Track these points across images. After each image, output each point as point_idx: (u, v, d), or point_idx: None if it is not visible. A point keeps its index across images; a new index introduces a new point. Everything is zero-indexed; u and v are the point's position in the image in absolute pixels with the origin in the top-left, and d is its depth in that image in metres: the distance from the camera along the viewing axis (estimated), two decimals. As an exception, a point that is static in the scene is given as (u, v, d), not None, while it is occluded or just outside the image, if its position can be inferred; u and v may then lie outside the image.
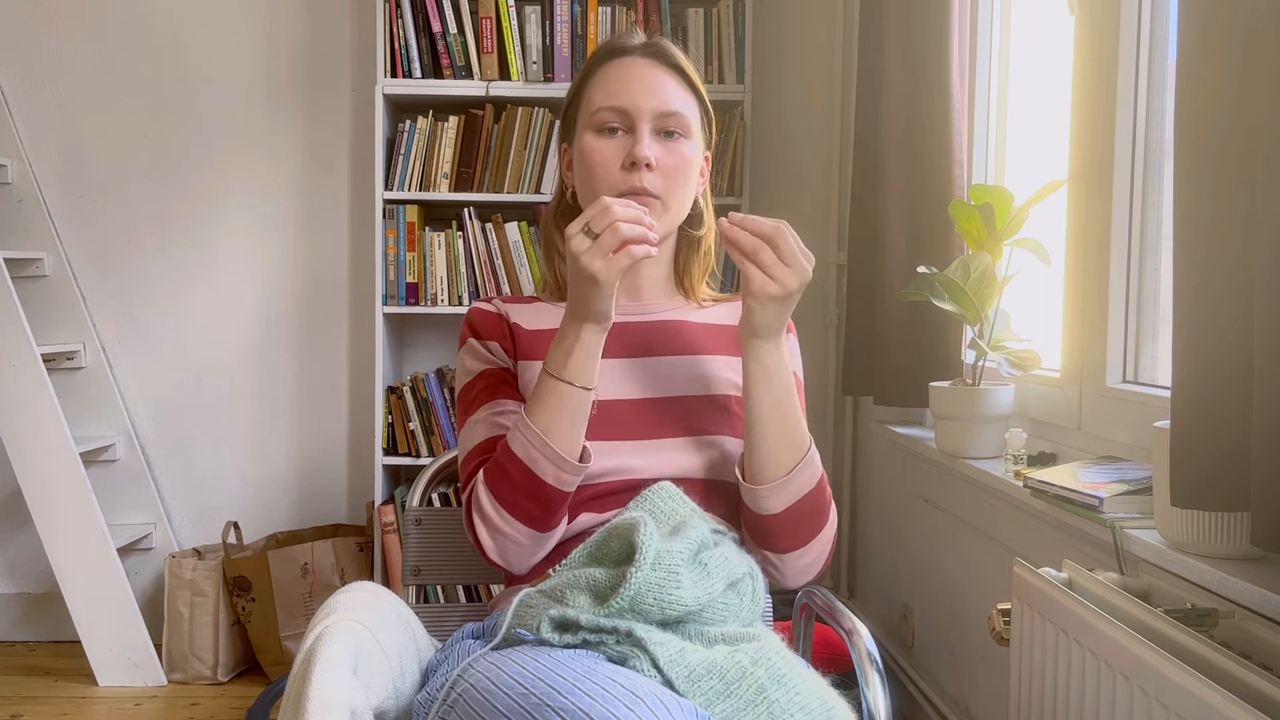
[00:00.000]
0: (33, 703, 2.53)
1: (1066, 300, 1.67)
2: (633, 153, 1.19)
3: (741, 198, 2.65)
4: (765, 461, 1.14)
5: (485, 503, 1.12)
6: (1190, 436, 1.05)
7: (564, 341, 1.10)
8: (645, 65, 1.23)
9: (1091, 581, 1.19)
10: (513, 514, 1.11)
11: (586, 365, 1.10)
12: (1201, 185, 1.05)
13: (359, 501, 2.96)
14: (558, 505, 1.11)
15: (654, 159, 1.19)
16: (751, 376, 1.14)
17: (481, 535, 1.13)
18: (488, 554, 1.14)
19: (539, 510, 1.10)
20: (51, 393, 2.57)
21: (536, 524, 1.11)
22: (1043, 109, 1.97)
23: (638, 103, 1.20)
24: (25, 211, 2.83)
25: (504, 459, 1.11)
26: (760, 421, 1.14)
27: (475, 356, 1.26)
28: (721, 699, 0.92)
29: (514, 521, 1.11)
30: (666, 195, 1.21)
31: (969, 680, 1.96)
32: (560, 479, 1.09)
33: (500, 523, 1.11)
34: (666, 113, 1.21)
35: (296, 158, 2.90)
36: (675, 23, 2.68)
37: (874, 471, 2.60)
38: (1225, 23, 1.02)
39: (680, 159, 1.21)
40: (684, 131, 1.22)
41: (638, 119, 1.20)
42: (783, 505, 1.14)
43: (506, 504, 1.11)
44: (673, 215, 1.24)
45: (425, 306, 2.67)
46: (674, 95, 1.22)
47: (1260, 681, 0.89)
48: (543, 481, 1.09)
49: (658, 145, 1.20)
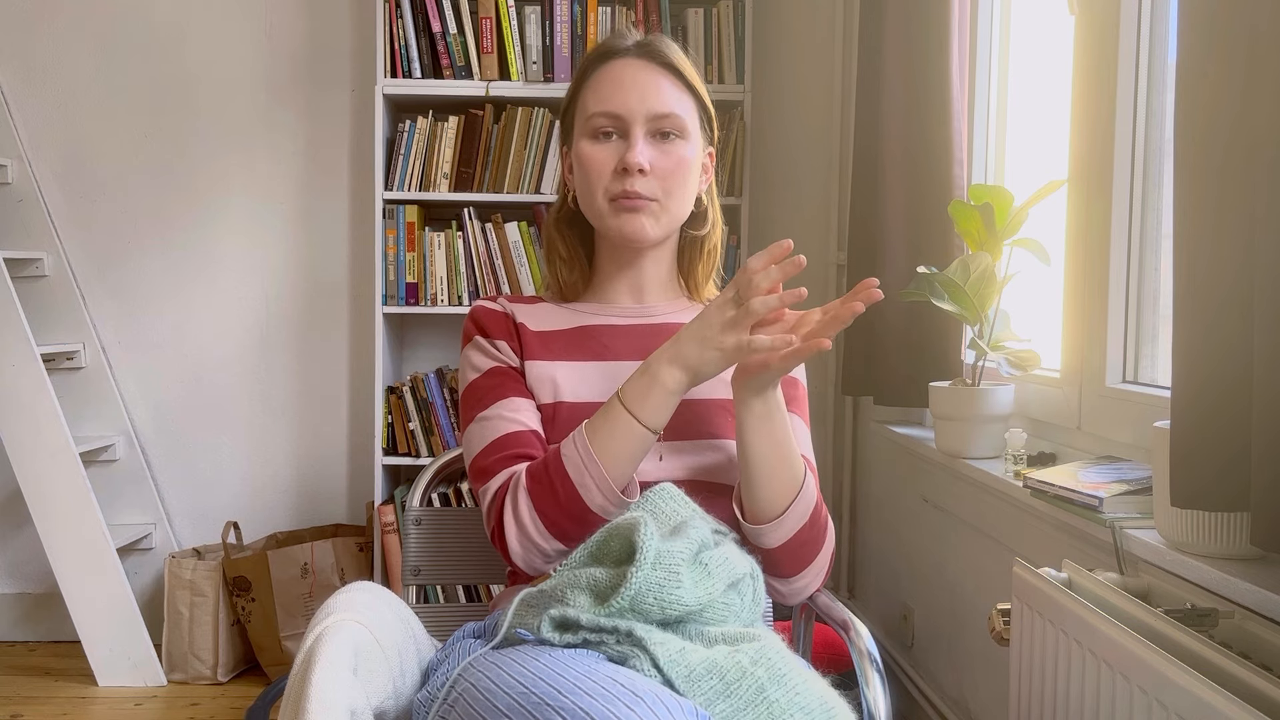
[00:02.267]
0: (33, 703, 2.53)
1: (1066, 300, 1.67)
2: (624, 159, 1.18)
3: (741, 198, 2.65)
4: (763, 501, 1.14)
5: (524, 512, 1.12)
6: (1190, 437, 1.05)
7: (649, 377, 1.09)
8: (638, 67, 1.22)
9: (1091, 581, 1.19)
10: (549, 529, 1.11)
11: (663, 409, 1.09)
12: (1201, 185, 1.05)
13: (359, 501, 2.96)
14: (593, 527, 1.10)
15: (648, 164, 1.18)
16: (749, 420, 1.12)
17: (510, 540, 1.13)
18: (511, 557, 1.14)
19: (575, 529, 1.11)
20: (51, 393, 2.57)
21: (568, 540, 1.12)
22: (1043, 109, 1.97)
23: (630, 106, 1.19)
24: (25, 211, 2.83)
25: (554, 474, 1.11)
26: (756, 462, 1.13)
27: (483, 353, 1.25)
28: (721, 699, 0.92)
29: (549, 536, 1.12)
30: (664, 198, 1.21)
31: (969, 680, 1.96)
32: (605, 508, 1.10)
33: (535, 534, 1.12)
34: (660, 114, 1.20)
35: (296, 158, 2.90)
36: (675, 23, 2.68)
37: (874, 471, 2.60)
38: (1226, 22, 1.02)
39: (676, 160, 1.21)
40: (680, 132, 1.22)
41: (631, 123, 1.19)
42: (782, 540, 1.15)
43: (546, 519, 1.11)
44: (671, 216, 1.23)
45: (425, 306, 2.67)
46: (668, 96, 1.21)
47: (1260, 681, 0.89)
48: (587, 507, 1.10)
49: (652, 148, 1.20)
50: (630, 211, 1.20)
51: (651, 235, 1.23)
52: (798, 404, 1.27)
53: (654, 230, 1.22)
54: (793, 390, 1.27)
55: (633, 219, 1.21)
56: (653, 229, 1.22)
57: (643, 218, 1.21)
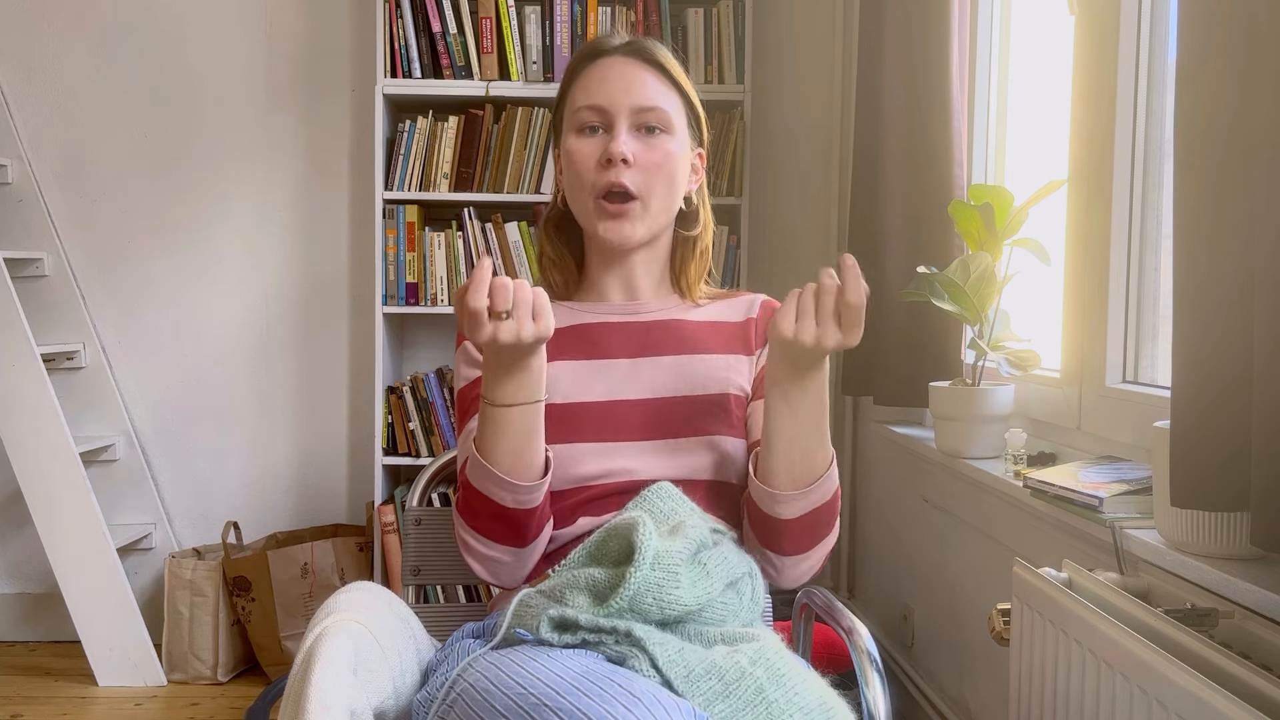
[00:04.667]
0: (33, 703, 2.53)
1: (1066, 300, 1.67)
2: (608, 149, 1.18)
3: (741, 198, 2.65)
4: (787, 470, 1.12)
5: (461, 530, 1.15)
6: (1190, 436, 1.05)
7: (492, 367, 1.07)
8: (624, 63, 1.23)
9: (1091, 581, 1.19)
10: (488, 537, 1.13)
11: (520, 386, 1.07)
12: (1202, 185, 1.04)
13: (359, 501, 2.96)
14: (527, 521, 1.11)
15: (631, 154, 1.19)
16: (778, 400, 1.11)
17: (467, 559, 1.16)
18: (478, 574, 1.16)
19: (509, 530, 1.12)
20: (51, 393, 2.57)
21: (513, 541, 1.12)
22: (1043, 109, 1.96)
23: (614, 99, 1.20)
24: (25, 211, 2.83)
25: (465, 487, 1.13)
26: (783, 435, 1.11)
27: (468, 362, 1.26)
28: (720, 699, 0.92)
29: (491, 543, 1.13)
30: (646, 193, 1.21)
31: (969, 680, 1.96)
32: (520, 500, 1.10)
33: (480, 547, 1.13)
34: (644, 108, 1.21)
35: (296, 157, 2.90)
36: (675, 23, 2.68)
37: (874, 471, 2.60)
38: (1225, 22, 1.02)
39: (661, 154, 1.21)
40: (665, 127, 1.22)
41: (615, 115, 1.20)
42: (798, 513, 1.14)
43: (479, 529, 1.13)
44: (654, 213, 1.23)
45: (425, 306, 2.67)
46: (652, 91, 1.22)
47: (1260, 681, 0.89)
48: (504, 507, 1.10)
49: (637, 141, 1.20)
50: (614, 218, 1.21)
51: (635, 239, 1.23)
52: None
53: (637, 234, 1.22)
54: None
55: (616, 225, 1.21)
56: (635, 233, 1.22)
57: (625, 223, 1.21)
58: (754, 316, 1.30)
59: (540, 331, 1.02)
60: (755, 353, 1.27)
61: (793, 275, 2.80)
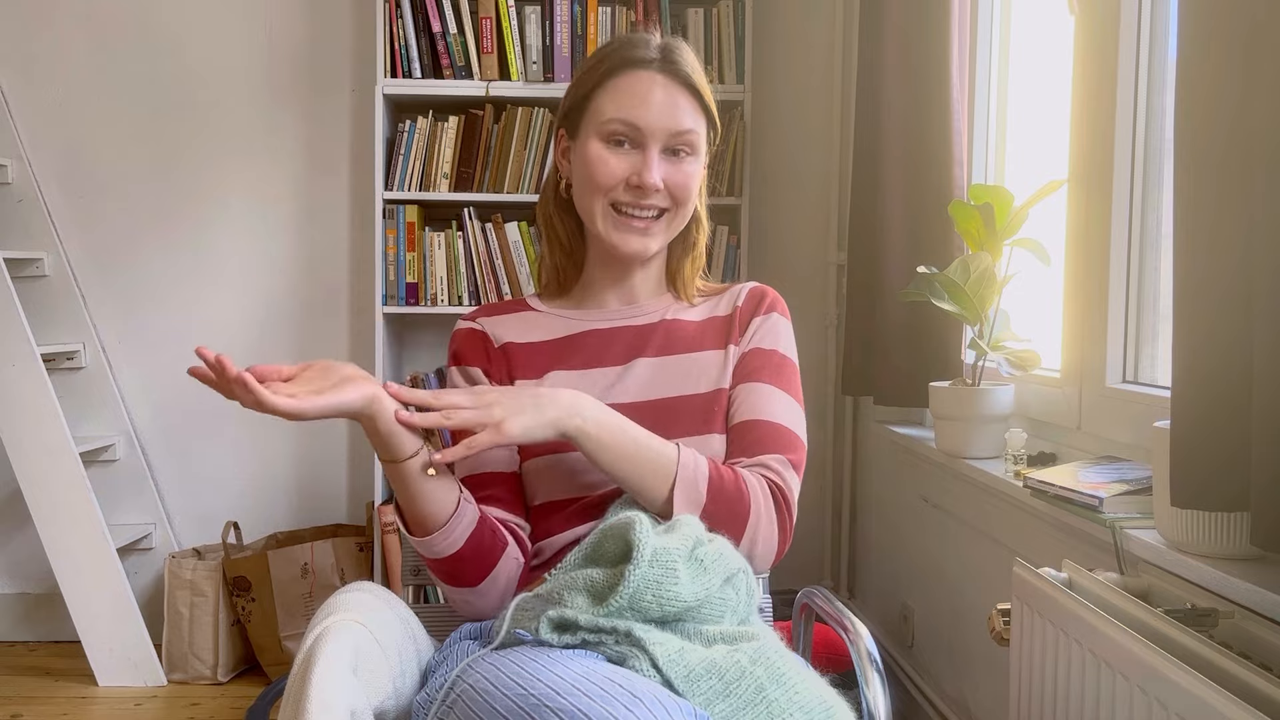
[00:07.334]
0: (33, 703, 2.53)
1: (1066, 300, 1.67)
2: (642, 179, 1.20)
3: (741, 198, 2.65)
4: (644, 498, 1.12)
5: (433, 577, 1.18)
6: (1190, 436, 1.05)
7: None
8: (664, 85, 1.21)
9: (1091, 581, 1.19)
10: (443, 580, 1.16)
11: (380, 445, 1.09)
12: (1201, 185, 1.05)
13: (359, 501, 2.96)
14: (459, 567, 1.13)
15: (661, 182, 1.21)
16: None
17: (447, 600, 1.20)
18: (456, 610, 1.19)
19: (450, 574, 1.14)
20: (51, 393, 2.57)
21: (463, 581, 1.14)
22: (1043, 109, 1.96)
23: (650, 122, 1.20)
24: (25, 211, 2.83)
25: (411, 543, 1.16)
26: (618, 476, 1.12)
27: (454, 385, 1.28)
28: (721, 699, 0.92)
29: (448, 586, 1.16)
30: (671, 210, 1.23)
31: (969, 680, 1.96)
32: (435, 549, 1.11)
33: (443, 587, 1.17)
34: (678, 132, 1.22)
35: (296, 158, 2.90)
36: (675, 23, 2.68)
37: (874, 471, 2.60)
38: (1225, 22, 1.02)
39: (686, 177, 1.23)
40: (692, 150, 1.23)
41: (649, 138, 1.21)
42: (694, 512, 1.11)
43: (434, 573, 1.16)
44: (672, 229, 1.26)
45: (425, 307, 2.67)
46: (686, 116, 1.22)
47: (1260, 681, 0.89)
48: (431, 557, 1.13)
49: (665, 164, 1.22)
50: (631, 231, 1.22)
51: (650, 252, 1.25)
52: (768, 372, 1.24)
53: (653, 248, 1.25)
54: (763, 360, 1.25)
55: (632, 238, 1.22)
56: (652, 247, 1.24)
57: (647, 239, 1.23)
58: (739, 306, 1.30)
59: (297, 407, 1.08)
60: (738, 341, 1.27)
61: (793, 275, 2.81)
